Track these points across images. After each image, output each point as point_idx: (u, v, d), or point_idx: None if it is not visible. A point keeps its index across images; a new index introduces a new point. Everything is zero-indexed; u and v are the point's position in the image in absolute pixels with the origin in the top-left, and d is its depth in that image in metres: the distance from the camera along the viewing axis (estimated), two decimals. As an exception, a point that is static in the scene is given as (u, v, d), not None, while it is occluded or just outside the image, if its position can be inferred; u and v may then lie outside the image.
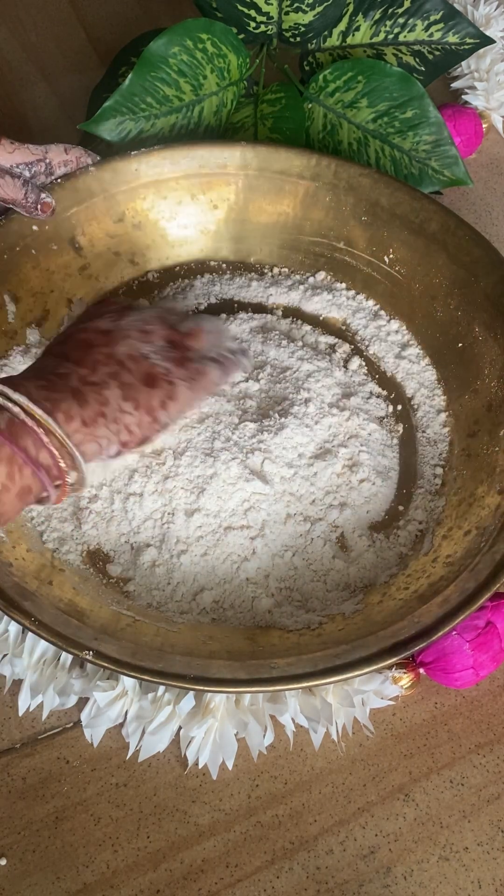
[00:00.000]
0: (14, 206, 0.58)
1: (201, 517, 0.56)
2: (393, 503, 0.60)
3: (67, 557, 0.56)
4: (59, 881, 0.51)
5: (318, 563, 0.57)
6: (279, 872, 0.52)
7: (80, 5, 0.87)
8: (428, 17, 0.72)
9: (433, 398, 0.64)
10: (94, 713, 0.55)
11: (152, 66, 0.65)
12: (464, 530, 0.56)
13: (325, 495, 0.58)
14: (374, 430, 0.61)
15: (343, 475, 0.59)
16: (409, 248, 0.66)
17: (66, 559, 0.56)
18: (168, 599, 0.56)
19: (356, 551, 0.57)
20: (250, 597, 0.55)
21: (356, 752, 0.56)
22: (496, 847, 0.54)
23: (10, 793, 0.53)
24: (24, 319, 0.63)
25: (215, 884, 0.52)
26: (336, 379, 0.62)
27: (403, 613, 0.53)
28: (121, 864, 0.52)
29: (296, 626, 0.54)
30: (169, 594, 0.56)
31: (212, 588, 0.55)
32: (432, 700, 0.58)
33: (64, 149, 0.61)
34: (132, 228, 0.67)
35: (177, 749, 0.55)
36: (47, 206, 0.59)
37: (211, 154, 0.66)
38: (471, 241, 0.63)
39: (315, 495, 0.58)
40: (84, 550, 0.57)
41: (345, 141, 0.72)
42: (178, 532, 0.56)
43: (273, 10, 0.69)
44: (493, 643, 0.56)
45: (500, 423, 0.59)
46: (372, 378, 0.65)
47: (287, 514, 0.57)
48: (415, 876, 0.52)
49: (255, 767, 0.55)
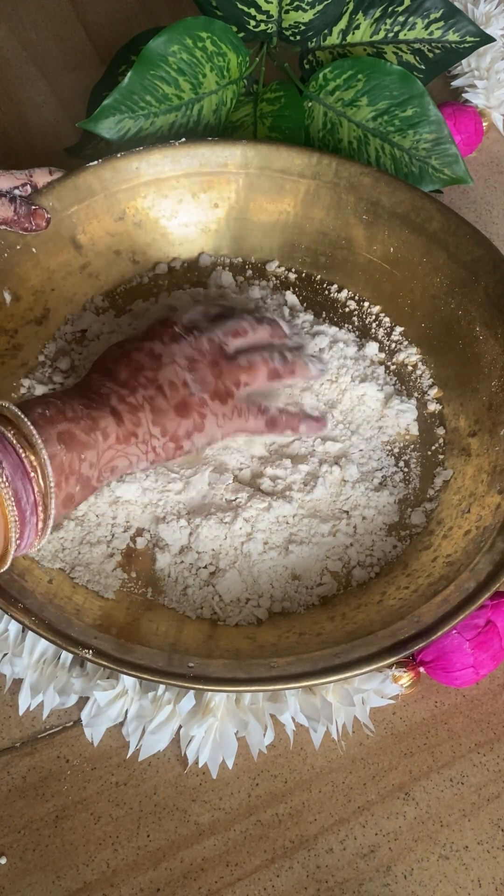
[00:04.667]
0: (8, 226, 0.58)
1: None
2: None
3: (68, 556, 0.56)
4: (59, 880, 0.51)
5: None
6: (279, 871, 0.52)
7: (80, 4, 0.87)
8: (428, 15, 0.72)
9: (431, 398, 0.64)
10: (94, 712, 0.55)
11: (152, 64, 0.65)
12: (464, 530, 0.56)
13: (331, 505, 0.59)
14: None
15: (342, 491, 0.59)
16: (410, 247, 0.65)
17: (66, 558, 0.56)
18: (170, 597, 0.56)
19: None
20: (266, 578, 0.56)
21: (356, 751, 0.56)
22: (496, 846, 0.54)
23: (10, 792, 0.53)
24: (25, 318, 0.63)
25: (215, 882, 0.52)
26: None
27: (403, 613, 0.53)
28: (121, 863, 0.52)
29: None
30: (170, 592, 0.56)
31: (225, 569, 0.56)
32: (432, 699, 0.58)
33: (48, 171, 0.61)
34: (133, 227, 0.67)
35: (177, 748, 0.55)
36: (40, 215, 0.59)
37: (212, 153, 0.66)
38: (471, 239, 0.63)
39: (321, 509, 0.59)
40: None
41: (345, 139, 0.72)
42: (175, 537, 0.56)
43: (273, 9, 0.69)
44: (494, 642, 0.56)
45: (500, 422, 0.59)
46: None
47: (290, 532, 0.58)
48: (415, 875, 0.52)
49: (256, 766, 0.55)
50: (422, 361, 0.66)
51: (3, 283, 0.61)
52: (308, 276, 0.69)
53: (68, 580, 0.55)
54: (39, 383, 0.61)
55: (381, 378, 0.64)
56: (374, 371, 0.64)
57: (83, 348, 0.64)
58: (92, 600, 0.54)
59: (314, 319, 0.66)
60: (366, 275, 0.68)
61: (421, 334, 0.66)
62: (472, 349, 0.62)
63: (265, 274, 0.69)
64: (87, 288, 0.66)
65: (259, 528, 0.57)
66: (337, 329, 0.66)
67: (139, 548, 0.57)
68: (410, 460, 0.62)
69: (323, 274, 0.69)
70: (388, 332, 0.67)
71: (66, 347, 0.64)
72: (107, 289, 0.67)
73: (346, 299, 0.68)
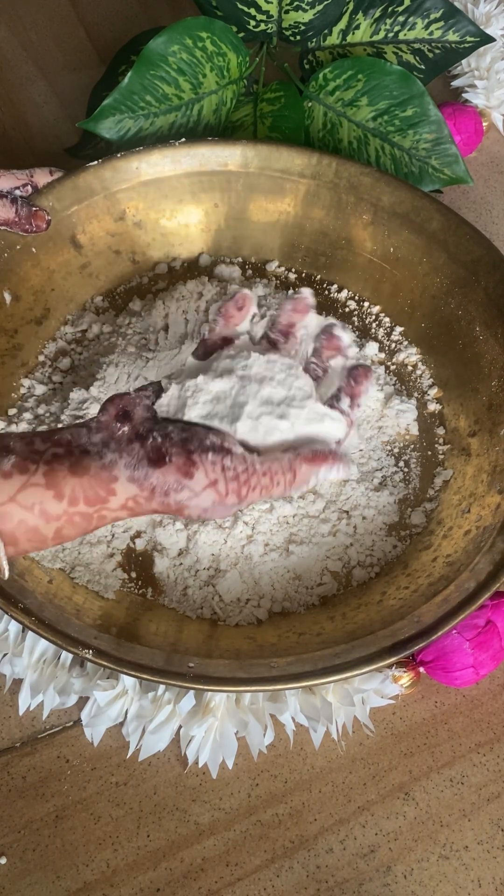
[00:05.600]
0: (9, 227, 0.58)
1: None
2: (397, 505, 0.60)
3: (68, 557, 0.56)
4: (59, 880, 0.51)
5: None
6: (279, 871, 0.52)
7: (80, 3, 0.87)
8: (428, 15, 0.72)
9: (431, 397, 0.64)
10: (94, 712, 0.55)
11: (152, 64, 0.65)
12: (464, 530, 0.56)
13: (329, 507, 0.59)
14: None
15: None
16: (410, 247, 0.65)
17: (66, 558, 0.56)
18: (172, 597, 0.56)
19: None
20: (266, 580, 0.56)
21: (356, 751, 0.56)
22: (496, 846, 0.54)
23: (10, 792, 0.53)
24: (25, 318, 0.63)
25: (215, 882, 0.52)
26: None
27: (403, 613, 0.53)
28: (121, 863, 0.52)
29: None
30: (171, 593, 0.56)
31: (226, 570, 0.56)
32: (432, 699, 0.58)
33: (49, 171, 0.61)
34: (133, 227, 0.67)
35: (177, 748, 0.55)
36: (41, 217, 0.59)
37: (212, 153, 0.66)
38: (471, 239, 0.63)
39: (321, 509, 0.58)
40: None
41: (345, 139, 0.72)
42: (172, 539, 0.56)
43: (273, 9, 0.69)
44: (493, 642, 0.56)
45: (500, 422, 0.59)
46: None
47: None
48: (415, 875, 0.52)
49: (255, 766, 0.55)
50: (422, 361, 0.66)
51: (3, 283, 0.61)
52: (308, 276, 0.69)
53: (68, 580, 0.55)
54: (39, 383, 0.61)
55: (381, 378, 0.64)
56: (374, 371, 0.64)
57: (83, 348, 0.64)
58: (92, 600, 0.54)
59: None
60: (366, 275, 0.68)
61: (421, 334, 0.66)
62: (472, 349, 0.62)
63: (265, 274, 0.69)
64: (87, 288, 0.66)
65: (260, 531, 0.57)
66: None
67: (139, 548, 0.57)
68: (410, 460, 0.62)
69: (323, 274, 0.69)
70: (388, 332, 0.67)
71: (65, 347, 0.64)
72: (107, 289, 0.67)
73: (346, 299, 0.68)
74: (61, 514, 0.42)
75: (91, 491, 0.43)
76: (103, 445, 0.44)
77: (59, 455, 0.43)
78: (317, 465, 0.47)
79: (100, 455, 0.43)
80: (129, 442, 0.44)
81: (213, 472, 0.44)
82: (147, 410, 0.46)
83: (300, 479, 0.46)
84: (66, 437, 0.44)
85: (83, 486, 0.43)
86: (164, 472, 0.43)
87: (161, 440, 0.44)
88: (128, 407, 0.45)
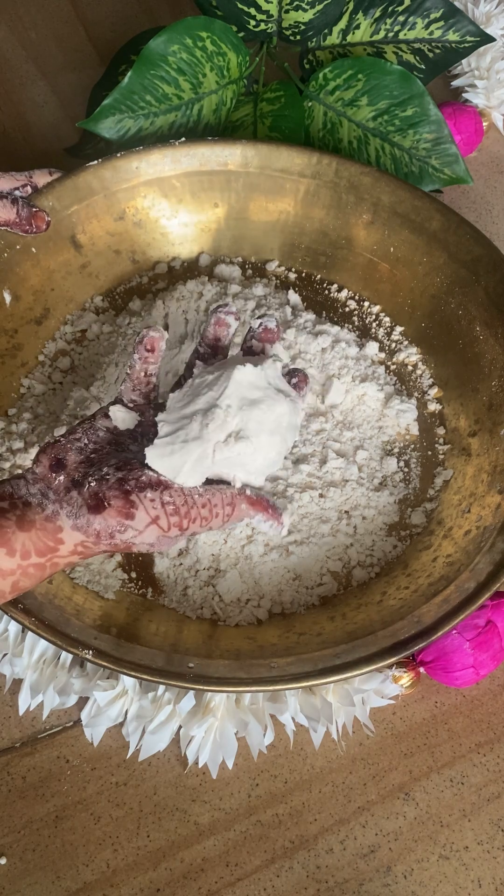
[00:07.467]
0: (9, 227, 0.58)
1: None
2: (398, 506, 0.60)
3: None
4: (59, 880, 0.51)
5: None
6: (279, 871, 0.52)
7: (80, 3, 0.87)
8: (428, 14, 0.72)
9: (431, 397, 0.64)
10: (94, 712, 0.55)
11: (152, 64, 0.65)
12: (464, 530, 0.56)
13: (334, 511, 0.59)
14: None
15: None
16: (410, 247, 0.65)
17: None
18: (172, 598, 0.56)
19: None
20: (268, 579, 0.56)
21: (356, 752, 0.56)
22: (496, 846, 0.54)
23: (10, 792, 0.53)
24: (25, 318, 0.63)
25: (215, 883, 0.52)
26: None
27: (403, 613, 0.53)
28: (121, 863, 0.52)
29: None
30: (171, 593, 0.56)
31: (226, 570, 0.56)
32: (432, 699, 0.58)
33: (48, 172, 0.61)
34: (133, 226, 0.67)
35: (177, 748, 0.55)
36: (41, 218, 0.59)
37: (212, 152, 0.66)
38: (471, 239, 0.63)
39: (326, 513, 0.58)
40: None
41: (345, 139, 0.72)
42: None
43: (273, 9, 0.69)
44: (494, 642, 0.56)
45: (501, 422, 0.59)
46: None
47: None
48: (415, 875, 0.52)
49: (256, 766, 0.55)
50: (422, 361, 0.65)
51: (3, 283, 0.61)
52: (308, 275, 0.69)
53: (68, 580, 0.55)
54: (39, 383, 0.61)
55: (381, 378, 0.64)
56: (375, 371, 0.64)
57: (83, 348, 0.64)
58: (92, 600, 0.54)
59: (316, 319, 0.66)
60: (366, 274, 0.68)
61: (421, 334, 0.66)
62: (472, 349, 0.62)
63: (265, 273, 0.69)
64: (87, 288, 0.66)
65: (260, 531, 0.57)
66: (339, 329, 0.66)
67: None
68: (410, 460, 0.62)
69: (323, 274, 0.69)
70: (389, 332, 0.67)
71: (65, 347, 0.64)
72: (106, 288, 0.67)
73: (346, 299, 0.68)
74: (15, 568, 0.43)
75: (40, 542, 0.44)
76: (42, 496, 0.44)
77: (4, 509, 0.43)
78: (255, 509, 0.47)
79: (41, 507, 0.44)
80: (67, 491, 0.44)
81: (154, 509, 0.44)
82: (80, 453, 0.46)
83: (236, 516, 0.47)
84: (7, 490, 0.44)
85: (32, 540, 0.43)
86: (105, 517, 0.44)
87: (97, 484, 0.44)
88: (59, 455, 0.45)
